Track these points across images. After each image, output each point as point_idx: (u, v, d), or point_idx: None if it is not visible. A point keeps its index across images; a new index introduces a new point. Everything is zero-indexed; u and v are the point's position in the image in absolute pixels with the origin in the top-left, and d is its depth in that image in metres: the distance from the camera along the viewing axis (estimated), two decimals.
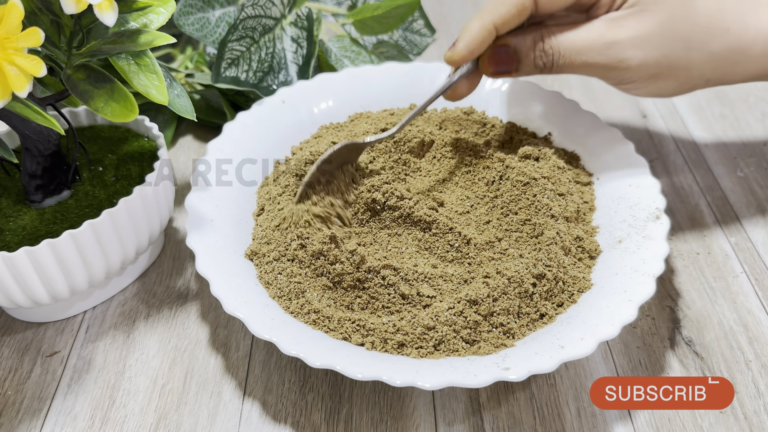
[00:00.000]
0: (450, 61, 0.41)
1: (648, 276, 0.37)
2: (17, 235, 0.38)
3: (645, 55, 0.39)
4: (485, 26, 0.40)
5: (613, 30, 0.39)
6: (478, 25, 0.40)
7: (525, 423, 0.36)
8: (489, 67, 0.42)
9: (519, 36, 0.42)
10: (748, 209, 0.49)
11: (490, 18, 0.40)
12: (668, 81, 0.41)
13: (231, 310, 0.36)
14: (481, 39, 0.40)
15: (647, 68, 0.40)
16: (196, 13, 0.55)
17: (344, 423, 0.37)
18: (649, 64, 0.40)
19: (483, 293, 0.36)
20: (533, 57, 0.41)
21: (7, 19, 0.29)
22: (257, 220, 0.44)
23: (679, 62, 0.40)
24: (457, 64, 0.42)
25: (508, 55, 0.42)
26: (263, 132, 0.50)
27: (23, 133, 0.38)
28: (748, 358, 0.39)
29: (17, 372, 0.40)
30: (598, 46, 0.40)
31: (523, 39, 0.41)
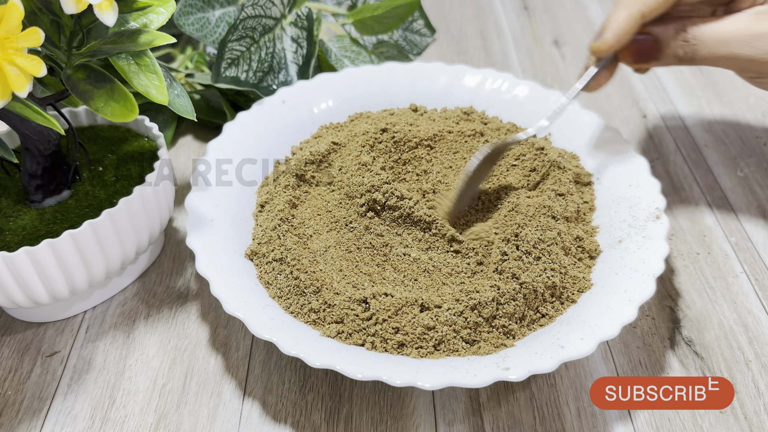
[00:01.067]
0: (596, 52, 0.42)
1: (648, 276, 0.37)
2: (17, 235, 0.38)
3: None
4: (633, 15, 0.40)
5: (761, 22, 0.39)
6: (626, 13, 0.40)
7: (525, 423, 0.36)
8: (629, 56, 0.42)
9: (661, 25, 0.41)
10: (748, 209, 0.49)
11: (637, 6, 0.40)
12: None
13: (231, 310, 0.36)
14: (629, 28, 0.41)
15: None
16: (196, 13, 0.55)
17: (344, 423, 0.37)
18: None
19: (488, 297, 0.36)
20: (675, 46, 0.41)
21: (7, 19, 0.29)
22: (257, 220, 0.44)
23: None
24: (604, 54, 0.42)
25: (650, 45, 0.42)
26: (263, 132, 0.50)
27: (23, 133, 0.38)
28: (748, 358, 0.39)
29: (17, 372, 0.40)
30: (745, 37, 0.39)
31: (665, 28, 0.41)
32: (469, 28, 0.74)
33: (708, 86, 0.62)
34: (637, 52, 0.42)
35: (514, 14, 0.76)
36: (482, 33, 0.73)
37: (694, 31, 0.41)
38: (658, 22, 0.42)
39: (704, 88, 0.62)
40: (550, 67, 0.67)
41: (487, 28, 0.74)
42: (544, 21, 0.75)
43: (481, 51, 0.70)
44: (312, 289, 0.38)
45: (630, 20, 0.40)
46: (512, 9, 0.77)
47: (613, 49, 0.41)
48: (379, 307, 0.37)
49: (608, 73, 0.44)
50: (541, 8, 0.77)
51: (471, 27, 0.74)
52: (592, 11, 0.76)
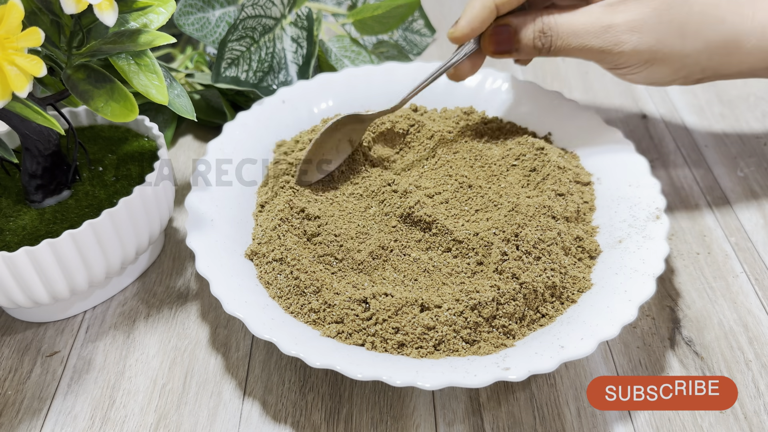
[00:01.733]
0: (452, 38, 0.43)
1: (648, 276, 0.37)
2: (17, 235, 0.38)
3: (639, 40, 0.40)
4: (486, 4, 0.41)
5: (610, 14, 0.40)
6: (480, 3, 0.41)
7: (525, 423, 0.36)
8: (489, 46, 0.43)
9: (520, 17, 0.43)
10: (748, 209, 0.49)
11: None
12: (662, 67, 0.42)
13: (231, 310, 0.36)
14: (483, 17, 0.42)
15: (641, 53, 0.41)
16: (196, 13, 0.55)
17: (344, 423, 0.37)
18: (642, 49, 0.41)
19: (488, 296, 0.36)
20: (532, 37, 0.42)
21: (7, 19, 0.29)
22: (257, 220, 0.44)
23: (674, 49, 0.41)
24: (459, 41, 0.43)
25: (509, 35, 0.43)
26: (263, 132, 0.50)
27: (23, 133, 0.38)
28: (748, 358, 0.39)
29: (17, 372, 0.40)
30: (594, 29, 0.41)
31: (523, 19, 0.42)
32: None
33: (708, 86, 0.62)
34: (496, 42, 0.43)
35: None
36: None
37: (549, 23, 0.42)
38: (517, 14, 0.43)
39: (704, 88, 0.62)
40: (550, 67, 0.67)
41: None
42: None
43: None
44: (312, 289, 0.38)
45: (484, 10, 0.42)
46: None
47: (467, 37, 0.42)
48: (379, 307, 0.37)
49: (471, 63, 0.45)
50: None
51: None
52: None
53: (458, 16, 0.44)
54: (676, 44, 0.41)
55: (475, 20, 0.42)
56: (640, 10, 0.40)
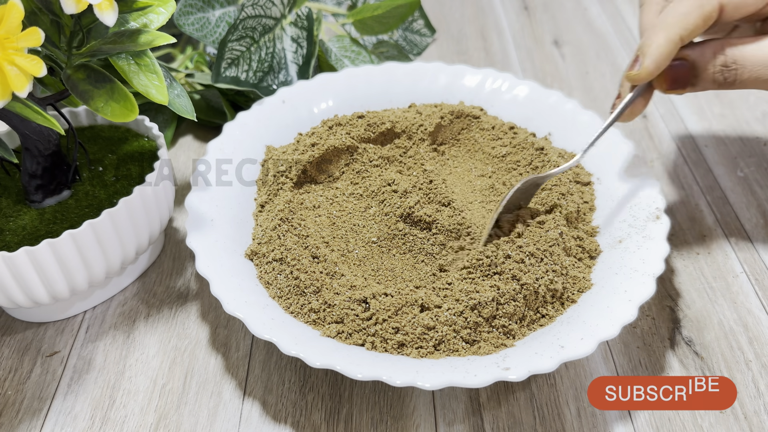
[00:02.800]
0: (636, 80, 0.39)
1: (648, 276, 0.37)
2: (17, 235, 0.38)
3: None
4: (672, 39, 0.37)
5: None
6: (665, 38, 0.37)
7: (525, 423, 0.36)
8: (664, 83, 0.40)
9: (697, 48, 0.39)
10: (748, 209, 0.49)
11: (676, 30, 0.37)
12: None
13: (231, 310, 0.36)
14: (669, 53, 0.38)
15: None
16: (196, 13, 0.55)
17: (344, 423, 0.37)
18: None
19: (488, 296, 0.36)
20: (713, 72, 0.38)
21: (7, 19, 0.29)
22: (257, 220, 0.44)
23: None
24: (644, 81, 0.39)
25: (685, 71, 0.39)
26: (263, 132, 0.50)
27: (23, 133, 0.38)
28: (748, 358, 0.39)
29: (17, 372, 0.40)
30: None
31: (701, 52, 0.38)
32: (469, 28, 0.74)
33: None
34: (672, 79, 0.39)
35: (514, 14, 0.76)
36: (482, 33, 0.73)
37: (734, 54, 0.38)
38: (693, 46, 0.39)
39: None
40: (550, 67, 0.67)
41: (487, 28, 0.74)
42: (544, 21, 0.75)
43: (481, 51, 0.70)
44: (312, 289, 0.38)
45: (669, 45, 0.37)
46: (512, 9, 0.77)
47: (653, 76, 0.38)
48: (379, 307, 0.37)
49: (644, 101, 0.41)
50: (541, 8, 0.77)
51: (471, 27, 0.74)
52: (592, 11, 0.76)
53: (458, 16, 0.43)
54: None
55: (662, 58, 0.38)
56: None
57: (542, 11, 0.76)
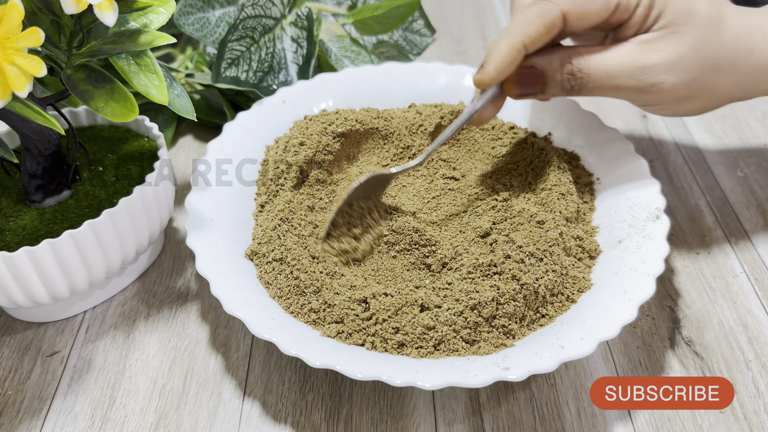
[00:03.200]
0: (479, 84, 0.39)
1: (648, 276, 0.37)
2: (17, 235, 0.38)
3: (676, 79, 0.39)
4: (514, 46, 0.38)
5: (646, 54, 0.38)
6: (507, 45, 0.38)
7: (525, 423, 0.36)
8: (514, 89, 0.40)
9: (545, 57, 0.40)
10: (748, 209, 0.49)
11: (519, 38, 0.38)
12: (695, 102, 0.41)
13: (231, 310, 0.36)
14: (511, 60, 0.38)
15: (677, 91, 0.39)
16: (196, 13, 0.55)
17: (344, 423, 0.37)
18: (679, 87, 0.39)
19: (488, 296, 0.36)
20: (560, 79, 0.40)
21: (8, 19, 0.29)
22: (257, 220, 0.44)
23: (707, 84, 0.39)
24: (486, 86, 0.40)
25: (534, 77, 0.40)
26: (263, 132, 0.50)
27: (23, 133, 0.38)
28: (748, 358, 0.39)
29: (17, 372, 0.40)
30: (630, 70, 0.38)
31: (549, 60, 0.40)
32: (469, 28, 0.74)
33: None
34: (521, 85, 0.40)
35: None
36: (482, 33, 0.73)
37: (580, 64, 0.39)
38: (542, 54, 0.40)
39: None
40: None
41: (487, 28, 0.74)
42: None
43: (481, 51, 0.69)
44: (312, 289, 0.38)
45: (512, 52, 0.38)
46: None
47: (494, 81, 0.39)
48: (379, 307, 0.37)
49: (494, 107, 0.42)
50: None
51: (471, 27, 0.74)
52: None
53: (458, 16, 0.43)
54: (709, 80, 0.39)
55: (503, 64, 0.38)
56: (676, 49, 0.38)
57: None
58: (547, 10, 0.38)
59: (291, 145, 0.47)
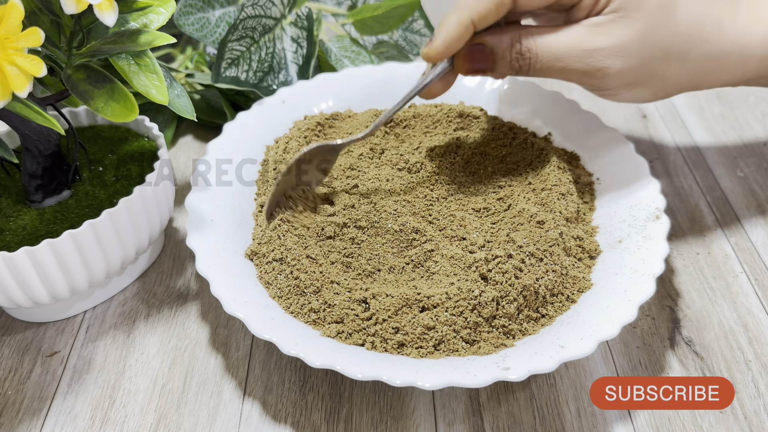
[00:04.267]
0: (427, 57, 0.40)
1: (648, 276, 0.37)
2: (17, 235, 0.38)
3: (624, 64, 0.38)
4: (463, 22, 0.38)
5: (594, 37, 0.38)
6: (456, 20, 0.39)
7: (525, 423, 0.36)
8: (464, 64, 0.41)
9: (496, 35, 0.40)
10: (748, 209, 0.49)
11: (467, 13, 0.38)
12: (644, 89, 0.41)
13: (231, 310, 0.36)
14: (459, 35, 0.39)
15: (624, 76, 0.39)
16: (196, 13, 0.55)
17: (344, 423, 0.37)
18: (626, 72, 0.39)
19: (488, 297, 0.36)
20: (509, 58, 0.40)
21: (7, 19, 0.29)
22: (257, 220, 0.44)
23: (656, 71, 0.39)
24: (433, 60, 0.40)
25: (484, 54, 0.40)
26: (263, 132, 0.50)
27: (23, 133, 0.38)
28: (748, 358, 0.39)
29: (17, 372, 0.40)
30: (577, 52, 0.38)
31: (500, 39, 0.40)
32: None
33: None
34: (471, 61, 0.40)
35: None
36: None
37: (529, 44, 0.39)
38: (493, 32, 0.40)
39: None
40: None
41: None
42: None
43: None
44: (312, 289, 0.38)
45: (460, 27, 0.38)
46: None
47: (442, 56, 0.39)
48: (379, 307, 0.37)
49: (445, 82, 0.42)
50: None
51: None
52: None
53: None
54: (659, 67, 0.39)
55: (451, 38, 0.39)
56: (624, 33, 0.38)
57: None
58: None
59: (291, 146, 0.47)
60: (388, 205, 0.42)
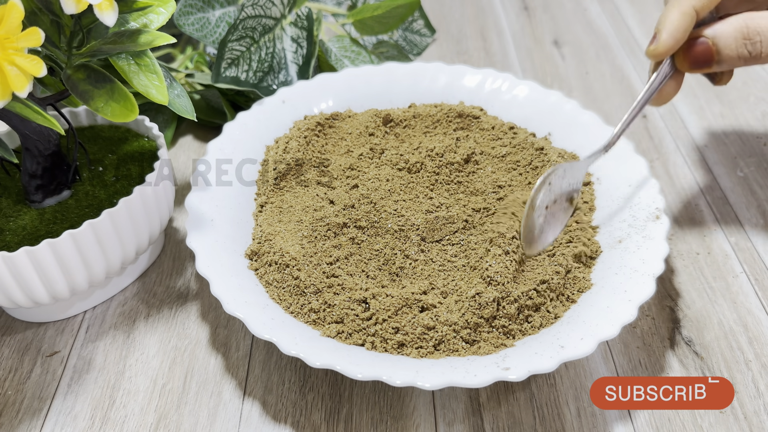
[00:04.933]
0: (654, 55, 0.39)
1: (648, 276, 0.37)
2: (17, 235, 0.38)
3: None
4: (686, 12, 0.38)
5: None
6: (678, 12, 0.38)
7: (525, 423, 0.36)
8: (686, 62, 0.40)
9: (717, 25, 0.39)
10: (748, 209, 0.49)
11: (689, 2, 0.38)
12: None
13: (231, 310, 0.36)
14: (685, 26, 0.38)
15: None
16: (196, 13, 0.55)
17: (344, 423, 0.37)
18: None
19: (489, 297, 0.36)
20: (737, 46, 0.38)
21: (7, 19, 0.29)
22: (257, 220, 0.44)
23: None
24: (662, 56, 0.39)
25: (707, 47, 0.39)
26: (263, 132, 0.50)
27: (23, 133, 0.38)
28: (748, 358, 0.39)
29: (17, 372, 0.40)
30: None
31: (722, 28, 0.38)
32: (469, 28, 0.74)
33: (708, 86, 0.62)
34: (694, 57, 0.39)
35: (514, 14, 0.76)
36: (482, 33, 0.73)
37: (758, 26, 0.38)
38: (713, 22, 0.39)
39: (704, 88, 0.62)
40: (550, 67, 0.67)
41: (487, 28, 0.74)
42: (544, 21, 0.75)
43: (481, 51, 0.70)
44: (312, 289, 0.38)
45: (684, 17, 0.38)
46: (512, 9, 0.77)
47: (670, 50, 0.39)
48: (379, 307, 0.37)
49: (675, 83, 0.41)
50: (541, 8, 0.77)
51: (471, 27, 0.74)
52: (592, 11, 0.76)
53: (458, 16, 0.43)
54: None
55: (677, 30, 0.38)
56: None
57: (542, 11, 0.76)
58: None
59: (291, 146, 0.47)
60: (388, 205, 0.42)
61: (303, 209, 0.43)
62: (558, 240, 0.41)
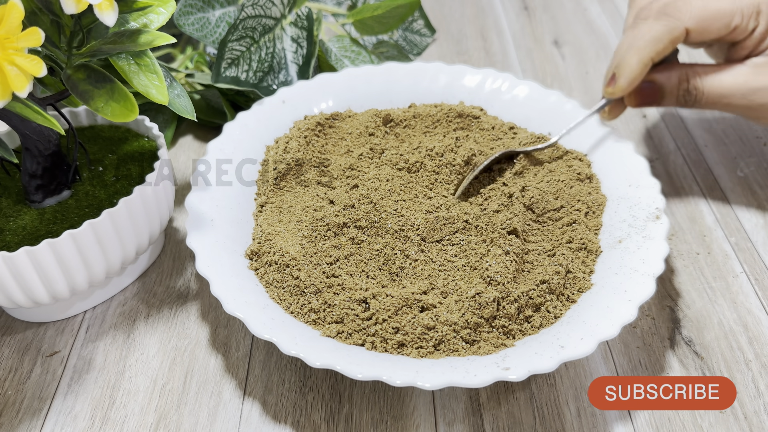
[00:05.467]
0: (611, 96, 0.45)
1: (648, 276, 0.37)
2: (17, 235, 0.38)
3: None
4: (644, 62, 0.43)
5: (758, 76, 0.43)
6: (638, 60, 0.43)
7: (525, 423, 0.36)
8: (634, 100, 0.46)
9: (665, 72, 0.45)
10: (748, 209, 0.49)
11: (648, 54, 0.43)
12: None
13: (231, 310, 0.36)
14: (640, 74, 0.43)
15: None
16: (196, 13, 0.55)
17: (344, 423, 0.37)
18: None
19: (489, 297, 0.36)
20: (677, 95, 0.45)
21: (8, 19, 0.29)
22: (257, 220, 0.44)
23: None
24: (618, 97, 0.45)
25: (654, 90, 0.45)
26: (263, 132, 0.50)
27: (23, 133, 0.38)
28: (748, 358, 0.39)
29: (17, 372, 0.40)
30: (742, 91, 0.43)
31: (668, 77, 0.44)
32: (469, 28, 0.74)
33: None
34: (641, 97, 0.45)
35: (514, 14, 0.76)
36: (482, 33, 0.73)
37: (696, 83, 0.44)
38: (661, 69, 0.45)
39: None
40: (550, 67, 0.67)
41: (487, 28, 0.74)
42: (544, 21, 0.75)
43: (481, 51, 0.70)
44: (312, 289, 0.38)
45: (641, 66, 0.43)
46: (512, 9, 0.77)
47: (626, 93, 0.44)
48: (379, 307, 0.37)
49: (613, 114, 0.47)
50: (541, 8, 0.77)
51: (471, 27, 0.74)
52: (592, 11, 0.76)
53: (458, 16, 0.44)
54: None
55: (636, 78, 0.43)
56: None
57: (542, 11, 0.76)
58: (673, 28, 0.42)
59: (291, 146, 0.47)
60: (388, 205, 0.42)
61: (303, 209, 0.43)
62: (558, 240, 0.41)
